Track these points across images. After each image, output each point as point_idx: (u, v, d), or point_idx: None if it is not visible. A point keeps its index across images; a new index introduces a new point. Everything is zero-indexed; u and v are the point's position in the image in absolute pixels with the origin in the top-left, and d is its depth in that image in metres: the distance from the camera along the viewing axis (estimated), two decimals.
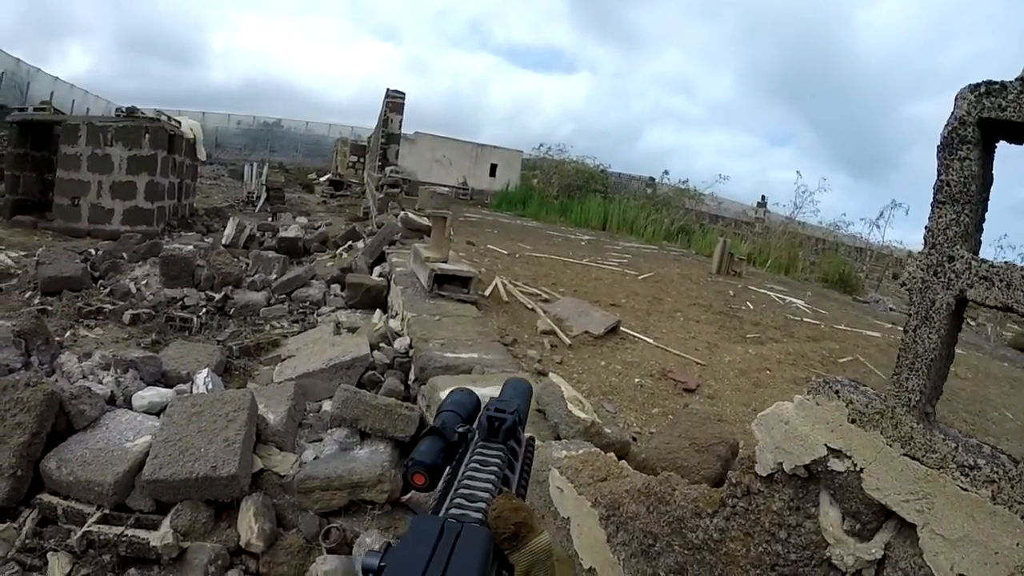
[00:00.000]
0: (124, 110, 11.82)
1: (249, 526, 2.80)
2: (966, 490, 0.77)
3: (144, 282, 7.07)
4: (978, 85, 0.86)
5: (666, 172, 25.81)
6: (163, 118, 12.13)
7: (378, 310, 6.46)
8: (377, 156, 18.64)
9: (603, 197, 23.47)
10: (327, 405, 3.87)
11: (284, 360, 5.00)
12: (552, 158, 27.99)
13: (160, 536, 2.69)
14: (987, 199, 0.89)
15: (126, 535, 2.69)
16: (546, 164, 27.79)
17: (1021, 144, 0.88)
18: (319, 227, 12.65)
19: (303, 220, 14.14)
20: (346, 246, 10.38)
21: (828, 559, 0.96)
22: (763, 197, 24.52)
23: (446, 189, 10.36)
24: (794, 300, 10.20)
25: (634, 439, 3.60)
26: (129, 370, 4.02)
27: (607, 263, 10.83)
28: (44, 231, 10.54)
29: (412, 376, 4.40)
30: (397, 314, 5.82)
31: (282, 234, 10.70)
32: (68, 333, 5.34)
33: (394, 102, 17.98)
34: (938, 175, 0.88)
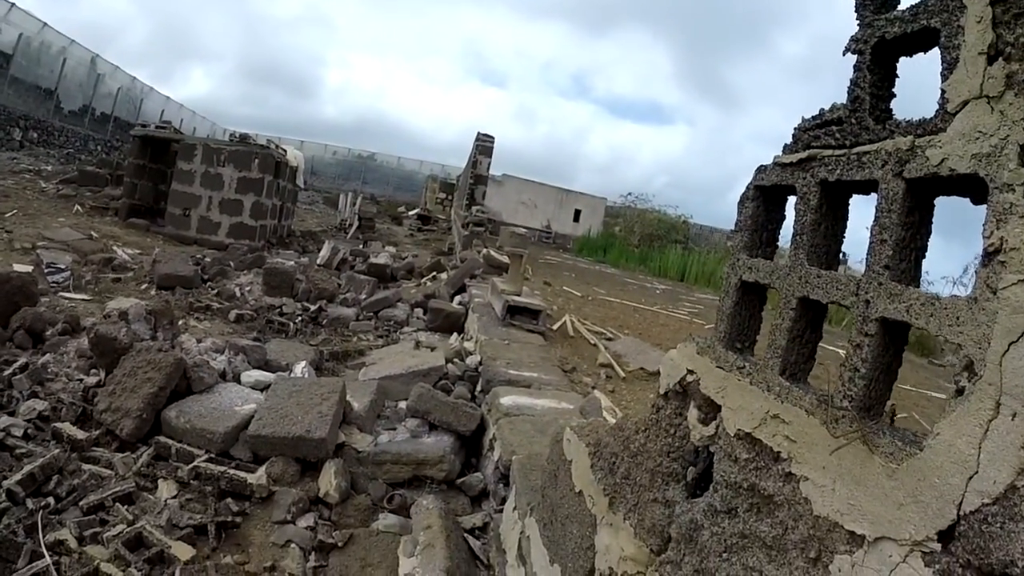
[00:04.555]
0: (237, 135, 12.98)
1: (329, 481, 3.28)
2: (740, 381, 1.34)
3: (248, 288, 7.82)
4: (758, 169, 1.45)
5: None
6: (272, 146, 13.22)
7: (455, 334, 6.92)
8: (465, 195, 19.44)
9: (683, 248, 23.48)
10: (403, 404, 4.32)
11: (368, 366, 5.52)
12: (635, 207, 28.27)
13: (257, 477, 3.21)
14: (774, 228, 1.48)
15: (228, 473, 3.21)
16: (629, 212, 28.05)
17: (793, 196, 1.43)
18: (406, 257, 13.34)
19: (391, 250, 14.89)
20: (430, 276, 10.96)
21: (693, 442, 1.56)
22: (844, 254, 23.99)
23: (524, 230, 10.87)
24: None
25: None
26: (239, 354, 4.63)
27: (678, 311, 11.00)
28: (156, 234, 11.68)
29: (479, 387, 4.81)
30: (472, 337, 6.27)
31: (372, 260, 11.39)
32: (180, 322, 6.02)
33: (483, 145, 18.83)
34: (737, 215, 1.50)
